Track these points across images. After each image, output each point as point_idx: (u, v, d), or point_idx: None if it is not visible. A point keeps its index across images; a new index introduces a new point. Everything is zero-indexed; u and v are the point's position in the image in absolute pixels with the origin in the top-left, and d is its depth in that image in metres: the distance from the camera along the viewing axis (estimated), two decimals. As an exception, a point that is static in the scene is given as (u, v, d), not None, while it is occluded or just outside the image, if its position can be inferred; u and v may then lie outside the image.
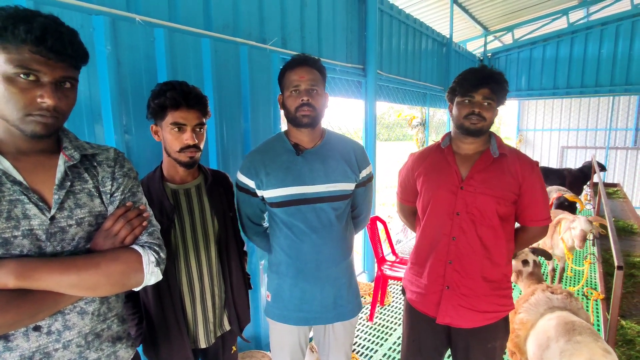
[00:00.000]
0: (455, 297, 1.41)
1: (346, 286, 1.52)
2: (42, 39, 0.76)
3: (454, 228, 1.40)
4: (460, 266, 1.40)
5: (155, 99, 1.26)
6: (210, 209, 1.39)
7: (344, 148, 1.50)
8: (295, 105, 1.37)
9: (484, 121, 1.35)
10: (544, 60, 7.22)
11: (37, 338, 0.83)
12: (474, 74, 1.36)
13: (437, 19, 6.59)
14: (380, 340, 2.89)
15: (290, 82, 1.38)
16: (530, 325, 1.82)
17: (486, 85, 1.33)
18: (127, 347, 1.02)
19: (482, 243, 1.38)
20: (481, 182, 1.38)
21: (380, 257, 3.15)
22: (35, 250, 0.82)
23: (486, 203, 1.36)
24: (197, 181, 1.40)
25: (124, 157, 1.01)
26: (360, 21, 3.55)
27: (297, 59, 1.41)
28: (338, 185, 1.44)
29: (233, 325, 1.47)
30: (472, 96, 1.35)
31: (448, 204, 1.41)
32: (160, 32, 1.81)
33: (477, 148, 1.44)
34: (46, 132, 0.82)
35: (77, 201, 0.88)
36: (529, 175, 1.38)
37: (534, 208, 1.41)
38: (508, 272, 1.47)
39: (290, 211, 1.42)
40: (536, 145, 11.31)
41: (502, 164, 1.40)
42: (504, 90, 1.38)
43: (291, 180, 1.40)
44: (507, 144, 1.47)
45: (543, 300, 1.84)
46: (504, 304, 1.45)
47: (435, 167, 1.48)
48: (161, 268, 0.95)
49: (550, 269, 3.64)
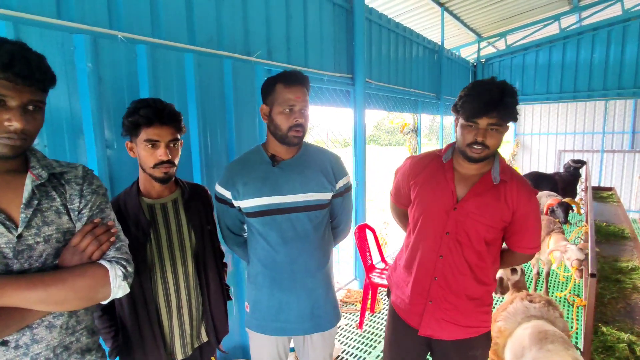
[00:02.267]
0: (438, 312, 1.41)
1: (323, 297, 1.53)
2: (9, 65, 0.79)
3: (443, 247, 1.38)
4: (446, 283, 1.40)
5: (129, 117, 1.29)
6: (187, 223, 1.42)
7: (320, 159, 1.52)
8: (289, 124, 1.39)
9: (487, 149, 1.25)
10: (537, 65, 7.30)
11: (5, 352, 0.86)
12: (480, 98, 1.20)
13: (429, 27, 6.66)
14: (369, 348, 2.90)
15: (285, 99, 1.39)
16: (508, 334, 1.85)
17: (494, 110, 1.18)
18: (96, 358, 1.04)
19: (468, 264, 1.37)
20: (476, 207, 1.33)
21: (369, 265, 3.17)
22: (2, 268, 0.85)
23: (475, 228, 1.34)
24: (174, 195, 1.43)
25: (93, 174, 1.04)
26: (348, 31, 3.60)
27: (293, 76, 1.41)
28: (314, 195, 1.46)
29: (210, 336, 1.49)
30: (477, 122, 1.22)
31: (439, 223, 1.38)
32: (142, 48, 1.86)
33: (479, 170, 1.37)
34: (13, 153, 0.85)
35: (44, 219, 0.91)
36: (524, 205, 1.32)
37: (524, 235, 1.37)
38: (491, 289, 1.47)
39: (266, 221, 1.45)
40: (533, 150, 11.32)
41: (500, 190, 1.33)
42: (513, 112, 1.23)
43: (267, 190, 1.43)
44: (509, 166, 1.39)
45: (521, 309, 1.86)
46: (485, 320, 1.45)
47: (433, 181, 1.41)
48: (128, 282, 0.98)
49: (535, 273, 3.66)
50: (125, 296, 1.26)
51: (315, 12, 3.16)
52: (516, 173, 1.39)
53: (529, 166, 11.14)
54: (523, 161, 11.26)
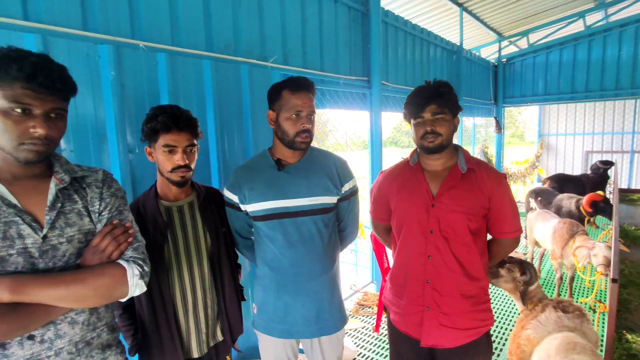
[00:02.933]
0: (437, 317, 1.41)
1: (328, 300, 1.53)
2: (32, 76, 0.85)
3: (429, 246, 1.40)
4: (439, 285, 1.40)
5: (147, 123, 1.35)
6: (203, 225, 1.47)
7: (326, 162, 1.54)
8: (296, 130, 1.42)
9: (440, 137, 1.36)
10: (561, 64, 7.08)
11: (31, 346, 0.91)
12: (417, 95, 1.38)
13: (447, 27, 6.58)
14: (385, 352, 2.89)
15: (292, 105, 1.42)
16: (537, 343, 1.80)
17: (431, 101, 1.34)
18: (116, 354, 1.09)
19: (457, 260, 1.38)
20: (452, 199, 1.38)
21: (385, 267, 3.15)
22: (29, 266, 0.91)
23: (458, 220, 1.37)
24: (190, 198, 1.48)
25: (112, 178, 1.10)
26: (364, 34, 3.61)
27: (300, 82, 1.44)
28: (319, 199, 1.48)
29: (226, 335, 1.53)
30: (422, 116, 1.36)
31: (421, 223, 1.41)
32: (162, 56, 1.93)
33: (445, 164, 1.45)
34: (38, 158, 0.91)
35: (67, 220, 0.97)
36: (497, 189, 1.38)
37: (504, 221, 1.41)
38: (485, 285, 1.47)
39: (272, 224, 1.47)
40: (559, 151, 10.98)
41: (471, 178, 1.40)
42: (452, 100, 1.38)
43: (273, 194, 1.46)
44: (474, 157, 1.47)
45: (553, 319, 1.81)
46: (484, 319, 1.44)
47: (406, 185, 1.48)
48: (145, 280, 1.03)
49: (558, 278, 3.54)
50: (144, 295, 1.32)
51: (331, 16, 3.19)
52: (482, 161, 1.48)
53: (554, 167, 10.80)
54: (548, 162, 10.93)
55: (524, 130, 29.23)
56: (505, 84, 7.84)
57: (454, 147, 1.48)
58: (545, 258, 4.59)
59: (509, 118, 25.35)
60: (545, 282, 4.07)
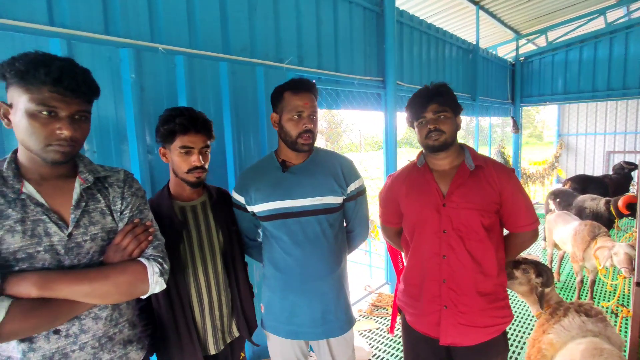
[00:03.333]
0: (454, 316, 1.40)
1: (334, 301, 1.52)
2: (59, 80, 0.88)
3: (443, 246, 1.40)
4: (455, 284, 1.40)
5: (164, 125, 1.37)
6: (215, 224, 1.49)
7: (331, 162, 1.54)
8: (298, 131, 1.44)
9: (444, 134, 1.37)
10: (581, 62, 6.90)
11: (57, 340, 0.95)
12: (418, 96, 1.41)
13: (463, 26, 6.51)
14: (400, 353, 2.87)
15: (293, 106, 1.43)
16: (559, 347, 1.77)
17: (431, 101, 1.37)
18: (137, 349, 1.12)
19: (473, 257, 1.38)
20: (462, 196, 1.38)
21: (400, 268, 3.13)
22: (56, 263, 0.94)
23: (471, 217, 1.36)
24: (203, 198, 1.50)
25: (133, 177, 1.13)
26: (379, 34, 3.60)
27: (301, 83, 1.46)
28: (324, 199, 1.48)
29: (242, 331, 1.55)
30: (424, 116, 1.38)
31: (433, 223, 1.41)
32: (180, 59, 1.97)
33: (452, 162, 1.45)
34: (64, 159, 0.94)
35: (91, 219, 1.00)
36: (506, 183, 1.38)
37: (518, 214, 1.40)
38: (502, 282, 1.46)
39: (277, 224, 1.48)
40: (579, 151, 10.70)
41: (480, 175, 1.40)
42: (452, 98, 1.40)
43: (277, 195, 1.47)
44: (481, 154, 1.47)
45: (577, 324, 1.77)
46: (503, 316, 1.43)
47: (416, 187, 1.48)
48: (165, 278, 1.05)
49: (578, 281, 3.45)
50: (162, 294, 1.35)
51: (346, 16, 3.19)
52: (489, 158, 1.48)
53: (574, 168, 10.54)
54: (567, 163, 10.67)
55: (542, 130, 28.62)
56: (523, 83, 7.70)
57: (460, 146, 1.48)
58: (565, 261, 4.48)
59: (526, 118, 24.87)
60: (564, 286, 3.97)
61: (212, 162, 2.12)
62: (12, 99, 0.90)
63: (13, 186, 0.92)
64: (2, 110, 0.92)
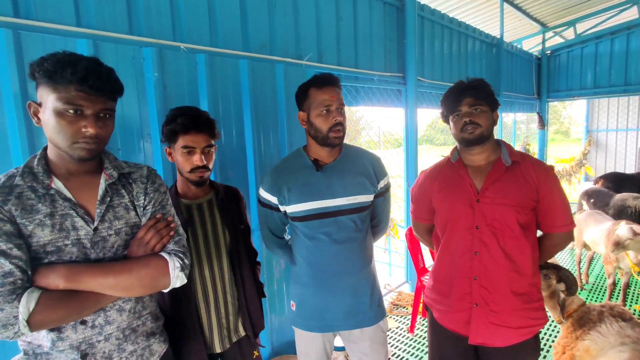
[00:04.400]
0: (486, 315, 1.37)
1: (368, 294, 1.54)
2: (84, 79, 0.91)
3: (475, 242, 1.36)
4: (487, 281, 1.36)
5: (167, 125, 1.38)
6: (222, 222, 1.49)
7: (362, 161, 1.54)
8: (328, 125, 1.43)
9: (480, 127, 1.35)
10: (612, 55, 6.60)
11: (83, 331, 0.98)
12: (453, 90, 1.40)
13: (487, 19, 6.34)
14: (420, 353, 2.83)
15: (321, 101, 1.43)
16: (595, 354, 1.71)
17: (466, 94, 1.36)
18: (160, 342, 1.15)
19: (507, 255, 1.34)
20: (497, 192, 1.34)
21: (420, 268, 3.09)
22: (82, 256, 0.97)
23: (506, 213, 1.33)
24: (209, 196, 1.51)
25: (156, 173, 1.15)
26: (399, 30, 3.55)
27: (324, 79, 1.45)
28: (357, 198, 1.49)
29: (248, 331, 1.55)
30: (459, 109, 1.37)
31: (466, 219, 1.38)
32: (201, 57, 1.99)
33: (488, 158, 1.42)
34: (90, 155, 0.97)
35: (115, 214, 1.03)
36: (544, 180, 1.34)
37: (554, 214, 1.35)
38: (537, 282, 1.41)
39: (312, 224, 1.49)
40: (609, 147, 10.24)
41: (516, 171, 1.36)
42: (487, 93, 1.38)
43: (311, 195, 1.47)
44: (518, 150, 1.44)
45: (615, 330, 1.71)
46: (537, 317, 1.38)
47: (449, 182, 1.45)
48: (185, 273, 1.07)
49: (610, 283, 3.31)
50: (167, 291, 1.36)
51: (365, 12, 3.16)
52: (527, 154, 1.44)
53: (603, 166, 10.11)
54: (597, 160, 10.24)
55: (569, 126, 27.58)
56: (550, 78, 7.43)
57: (496, 141, 1.45)
58: (594, 262, 4.32)
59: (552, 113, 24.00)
60: (594, 287, 3.83)
61: (232, 159, 2.16)
62: (41, 97, 0.93)
63: (43, 182, 0.95)
64: (32, 109, 0.95)
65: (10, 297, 0.85)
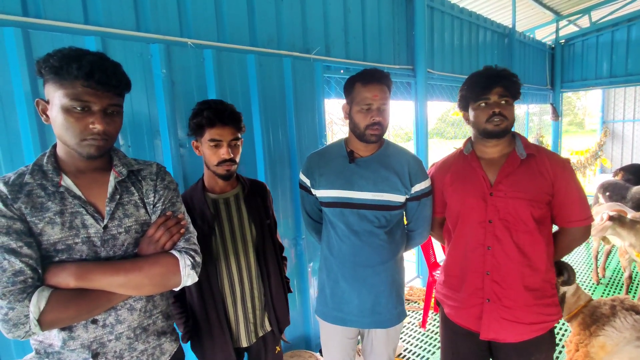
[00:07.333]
0: (498, 310, 1.34)
1: (385, 293, 1.52)
2: (90, 74, 0.89)
3: (488, 237, 1.33)
4: (499, 277, 1.33)
5: (193, 118, 1.38)
6: (248, 217, 1.49)
7: (399, 160, 1.51)
8: (366, 123, 1.41)
9: (506, 120, 1.30)
10: (629, 43, 6.40)
11: (94, 330, 0.98)
12: (483, 76, 1.32)
13: (498, 9, 6.19)
14: (432, 348, 2.81)
15: (362, 98, 1.40)
16: (611, 350, 1.66)
17: (498, 83, 1.29)
18: (171, 341, 1.14)
19: (520, 250, 1.30)
20: (511, 185, 1.31)
21: (432, 262, 3.06)
22: (92, 254, 0.96)
23: (519, 207, 1.29)
24: (236, 191, 1.51)
25: (165, 171, 1.14)
26: (408, 21, 3.49)
27: (371, 75, 1.42)
28: (384, 195, 1.46)
29: (273, 326, 1.55)
30: (488, 98, 1.30)
31: (479, 212, 1.35)
32: (209, 52, 1.98)
33: (502, 150, 1.38)
34: (99, 153, 0.96)
35: (125, 211, 1.02)
36: (560, 173, 1.30)
37: (571, 207, 1.31)
38: (551, 278, 1.37)
39: (335, 212, 1.50)
40: (626, 138, 9.96)
41: (531, 164, 1.33)
42: (516, 85, 1.33)
43: (339, 184, 1.49)
44: (533, 143, 1.39)
45: (630, 324, 1.67)
46: (550, 313, 1.35)
47: (461, 175, 1.42)
48: (196, 271, 1.06)
49: (627, 277, 3.24)
50: (194, 285, 1.37)
51: (374, 3, 3.10)
52: (542, 147, 1.40)
53: (620, 157, 9.85)
54: (613, 151, 9.98)
55: (583, 118, 27.01)
56: (564, 68, 7.25)
57: (511, 134, 1.41)
58: (611, 255, 4.23)
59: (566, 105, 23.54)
60: (611, 282, 3.75)
61: (242, 154, 2.13)
62: (48, 94, 0.92)
63: (52, 179, 0.95)
64: (40, 107, 0.95)
65: (21, 296, 0.85)
